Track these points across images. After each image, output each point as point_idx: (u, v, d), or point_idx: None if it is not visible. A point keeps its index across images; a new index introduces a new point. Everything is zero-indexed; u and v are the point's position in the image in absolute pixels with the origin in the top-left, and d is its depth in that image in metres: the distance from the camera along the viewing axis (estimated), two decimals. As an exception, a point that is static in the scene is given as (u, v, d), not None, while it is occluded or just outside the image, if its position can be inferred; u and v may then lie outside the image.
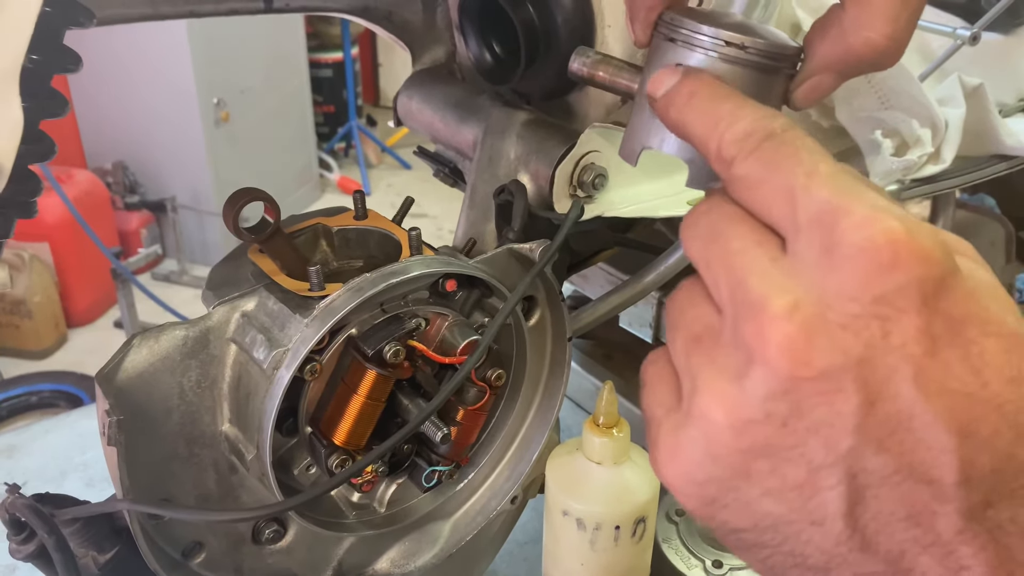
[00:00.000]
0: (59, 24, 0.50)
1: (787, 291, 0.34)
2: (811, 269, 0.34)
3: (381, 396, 0.66)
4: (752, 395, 0.34)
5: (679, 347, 0.39)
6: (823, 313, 0.33)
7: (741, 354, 0.35)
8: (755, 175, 0.37)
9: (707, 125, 0.40)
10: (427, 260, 0.68)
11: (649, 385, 0.42)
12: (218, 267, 0.71)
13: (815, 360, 0.33)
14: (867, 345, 0.33)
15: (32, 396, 3.25)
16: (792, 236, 0.35)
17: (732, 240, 0.37)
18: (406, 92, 1.05)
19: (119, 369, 0.60)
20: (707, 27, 0.45)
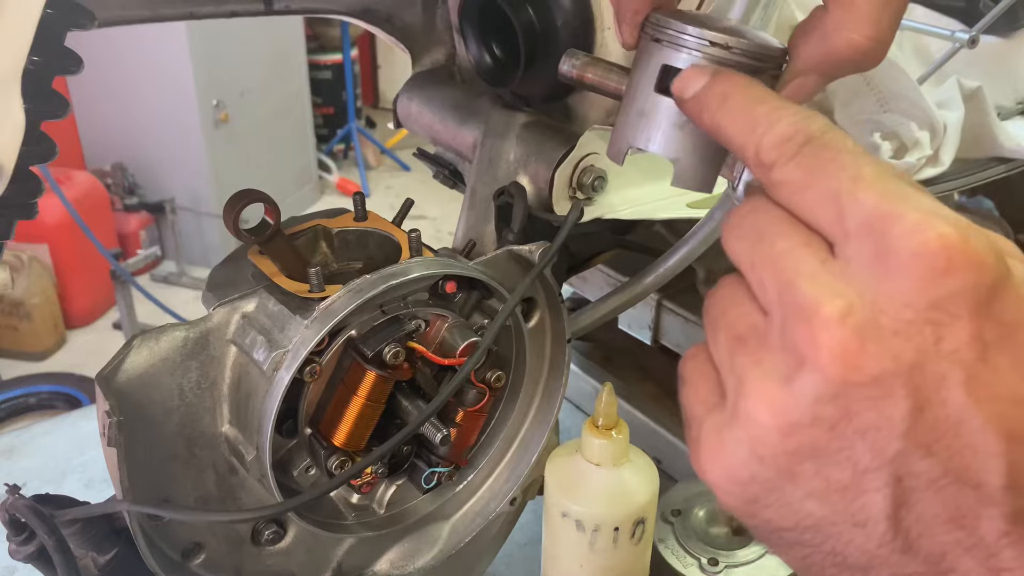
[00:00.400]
0: (60, 26, 0.51)
1: (839, 295, 0.34)
2: (863, 274, 0.34)
3: (381, 398, 0.66)
4: (801, 398, 0.34)
5: (722, 345, 0.39)
6: (876, 318, 0.33)
7: (790, 357, 0.35)
8: (798, 180, 0.37)
9: (744, 129, 0.40)
10: (427, 262, 0.68)
11: (689, 382, 0.41)
12: (218, 268, 0.71)
13: (867, 366, 0.33)
14: (919, 351, 0.33)
15: (31, 398, 3.25)
16: (841, 241, 0.35)
17: (778, 241, 0.36)
18: (406, 94, 1.05)
19: (119, 370, 0.60)
20: (692, 27, 0.46)
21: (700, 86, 0.43)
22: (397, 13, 1.10)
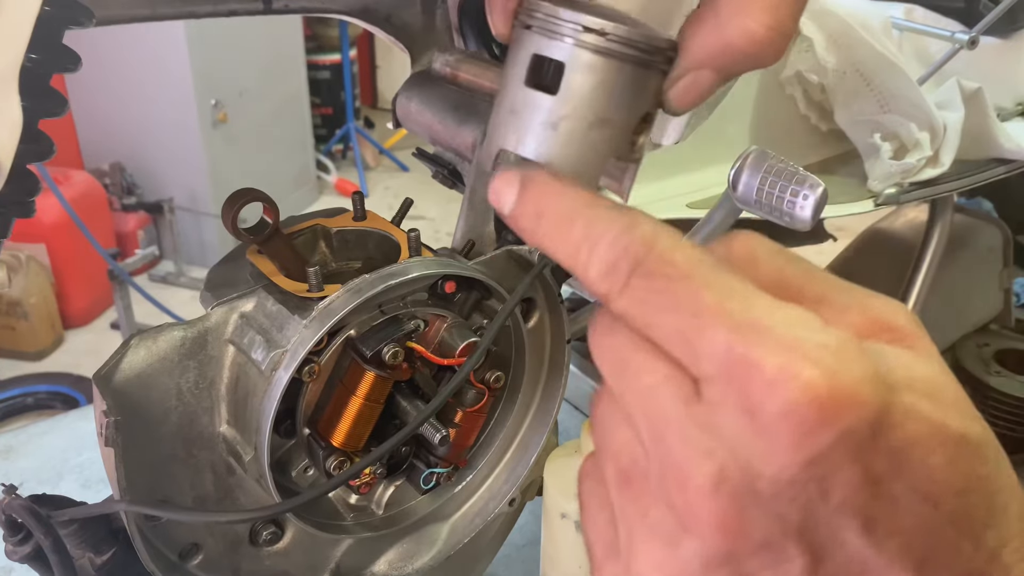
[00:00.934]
0: (59, 24, 0.50)
1: (709, 455, 0.31)
2: (731, 426, 0.31)
3: (379, 398, 0.65)
4: (689, 565, 0.32)
5: (611, 479, 0.36)
6: (752, 483, 0.30)
7: (672, 518, 0.33)
8: (638, 316, 0.34)
9: (567, 255, 0.36)
10: (426, 262, 0.68)
11: (587, 510, 0.39)
12: (217, 268, 0.71)
13: (752, 532, 0.31)
14: (805, 509, 0.30)
15: (28, 397, 3.25)
16: (702, 382, 0.32)
17: (642, 375, 0.34)
18: (405, 94, 1.05)
19: (117, 370, 0.60)
20: (564, 10, 0.41)
21: (511, 201, 0.38)
22: (396, 13, 1.10)
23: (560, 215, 0.37)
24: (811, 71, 0.99)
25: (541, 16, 0.42)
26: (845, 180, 1.01)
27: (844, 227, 1.42)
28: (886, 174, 0.95)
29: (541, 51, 0.42)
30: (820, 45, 0.98)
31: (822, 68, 0.99)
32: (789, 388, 0.29)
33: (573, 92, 0.42)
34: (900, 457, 0.30)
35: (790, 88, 1.02)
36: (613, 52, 0.41)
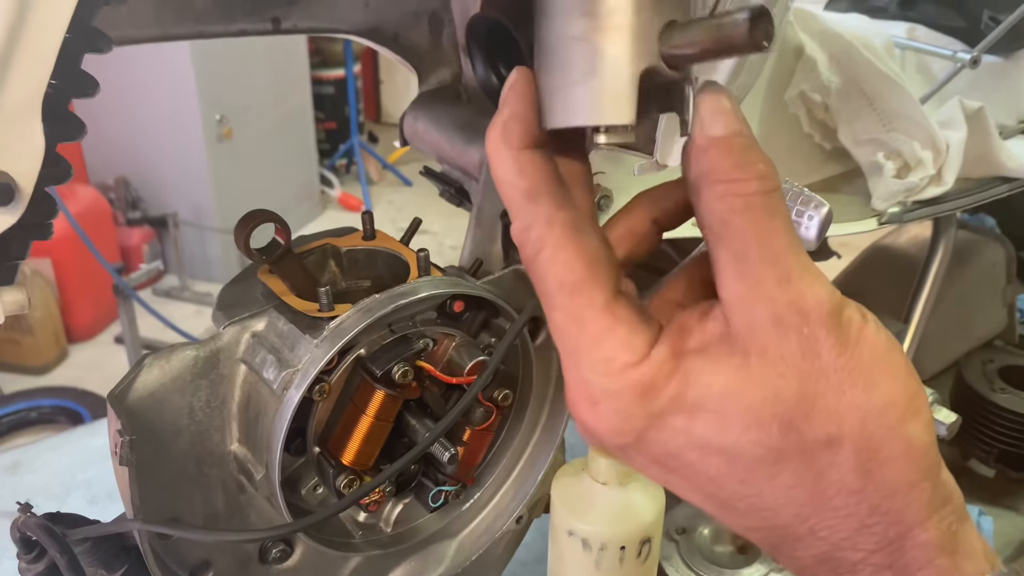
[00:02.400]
0: (78, 49, 0.51)
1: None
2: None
3: (389, 416, 0.66)
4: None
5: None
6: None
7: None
8: (532, 276, 0.44)
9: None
10: (435, 281, 0.68)
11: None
12: (228, 287, 0.71)
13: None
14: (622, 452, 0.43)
15: (32, 412, 3.25)
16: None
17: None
18: (412, 113, 1.06)
19: (131, 389, 0.61)
20: None
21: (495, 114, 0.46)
22: (404, 32, 1.11)
23: (494, 172, 0.45)
24: (814, 90, 1.00)
25: None
26: (849, 198, 1.02)
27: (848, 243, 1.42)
28: (889, 193, 0.96)
29: None
30: (823, 65, 0.99)
31: (825, 87, 1.00)
32: (576, 413, 0.43)
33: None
34: (673, 459, 0.42)
35: (793, 107, 1.03)
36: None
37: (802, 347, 0.39)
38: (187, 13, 0.95)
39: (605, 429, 0.41)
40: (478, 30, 0.85)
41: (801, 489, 0.40)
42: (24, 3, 0.44)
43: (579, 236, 0.42)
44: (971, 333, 1.48)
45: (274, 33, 1.04)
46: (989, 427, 1.28)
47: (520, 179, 0.42)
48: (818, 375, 0.39)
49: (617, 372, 0.40)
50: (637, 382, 0.40)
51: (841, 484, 0.39)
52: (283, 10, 1.02)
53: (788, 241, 0.39)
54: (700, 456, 0.41)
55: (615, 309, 0.41)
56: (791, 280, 0.39)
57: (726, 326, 0.40)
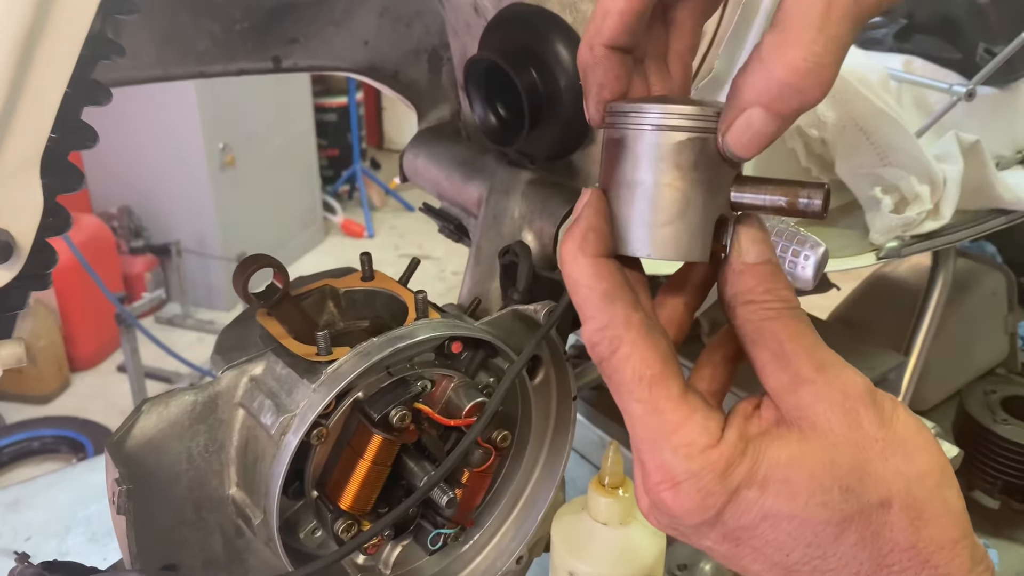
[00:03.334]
0: (78, 103, 0.52)
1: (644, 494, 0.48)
2: (642, 494, 0.48)
3: (387, 460, 0.66)
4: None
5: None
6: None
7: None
8: (606, 371, 0.47)
9: (576, 305, 0.48)
10: (433, 324, 0.69)
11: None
12: (227, 330, 0.71)
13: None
14: (689, 536, 0.47)
15: (34, 442, 3.25)
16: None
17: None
18: (412, 150, 1.07)
19: (129, 436, 0.61)
20: (623, 104, 0.48)
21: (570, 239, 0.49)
22: (403, 70, 1.12)
23: (569, 277, 0.48)
24: (811, 126, 1.01)
25: (612, 111, 0.49)
26: (847, 232, 1.02)
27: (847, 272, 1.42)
28: (887, 227, 0.96)
29: (615, 136, 0.48)
30: (819, 100, 1.00)
31: (821, 123, 1.00)
32: (658, 492, 0.46)
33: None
34: (746, 531, 0.45)
35: (791, 141, 1.04)
36: (670, 127, 0.46)
37: (847, 420, 0.44)
38: (188, 54, 0.96)
39: (687, 508, 0.45)
40: (475, 71, 0.86)
41: (862, 547, 0.44)
42: (25, 61, 0.45)
43: (652, 335, 0.47)
44: (972, 362, 1.48)
45: (275, 72, 1.05)
46: (993, 459, 1.27)
47: (598, 283, 0.47)
48: (864, 444, 0.44)
49: (699, 454, 0.44)
50: (716, 462, 0.44)
51: (895, 542, 0.44)
52: (284, 49, 1.03)
53: (816, 339, 0.46)
54: (771, 524, 0.44)
55: (689, 399, 0.46)
56: (826, 367, 0.45)
57: (778, 412, 0.46)
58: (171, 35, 0.94)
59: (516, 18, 0.84)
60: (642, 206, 0.47)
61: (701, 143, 0.46)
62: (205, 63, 0.98)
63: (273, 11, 0.98)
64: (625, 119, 0.47)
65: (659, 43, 0.52)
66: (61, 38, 0.43)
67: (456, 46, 1.01)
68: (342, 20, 1.05)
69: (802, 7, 0.41)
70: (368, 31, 1.07)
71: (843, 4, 0.41)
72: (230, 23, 0.97)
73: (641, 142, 0.47)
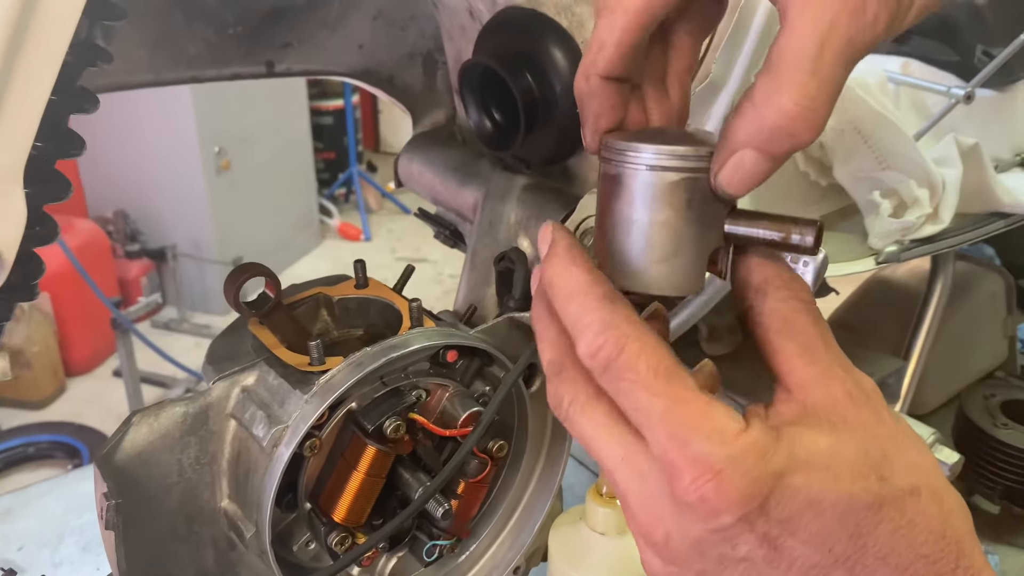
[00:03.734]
0: (64, 111, 0.51)
1: (660, 521, 0.44)
2: (667, 508, 0.44)
3: (381, 472, 0.65)
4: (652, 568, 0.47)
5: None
6: (685, 541, 0.44)
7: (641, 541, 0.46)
8: (612, 395, 0.45)
9: (567, 324, 0.47)
10: (428, 332, 0.68)
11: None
12: (218, 340, 0.71)
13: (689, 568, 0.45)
14: (720, 557, 0.44)
15: (29, 447, 3.23)
16: (649, 466, 0.45)
17: (609, 449, 0.46)
18: (407, 155, 1.06)
19: (118, 449, 0.60)
20: (618, 140, 0.48)
21: (541, 255, 0.49)
22: (398, 74, 1.11)
23: (562, 289, 0.47)
24: (809, 129, 1.00)
25: (606, 148, 0.49)
26: (846, 236, 1.02)
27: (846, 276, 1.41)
28: (886, 232, 0.96)
29: (609, 172, 0.48)
30: (817, 104, 0.99)
31: (820, 126, 0.99)
32: (701, 487, 0.42)
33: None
34: (789, 523, 0.42)
35: (789, 145, 1.03)
36: (662, 167, 0.47)
37: (874, 416, 0.45)
38: (181, 59, 0.95)
39: (733, 498, 0.42)
40: (470, 75, 0.85)
41: (899, 536, 0.43)
42: (6, 69, 0.44)
43: (656, 335, 0.46)
44: (972, 365, 1.47)
45: (268, 76, 1.04)
46: (993, 463, 1.26)
47: (596, 287, 0.46)
48: (889, 437, 0.45)
49: (734, 438, 0.42)
50: (754, 444, 0.42)
51: (929, 530, 0.43)
52: (277, 54, 1.02)
53: (834, 341, 0.46)
54: (816, 513, 0.43)
55: (705, 392, 0.44)
56: (849, 368, 0.46)
57: (801, 406, 0.45)
58: (163, 39, 0.93)
59: (511, 22, 0.84)
60: (638, 243, 0.47)
61: (694, 182, 0.46)
62: (198, 68, 0.97)
63: (266, 15, 0.97)
64: (621, 157, 0.47)
65: (657, 65, 0.51)
66: (43, 45, 0.42)
67: (451, 50, 1.01)
68: (336, 24, 1.04)
69: (794, 50, 0.41)
70: (362, 35, 1.06)
71: (835, 46, 0.41)
72: (223, 27, 0.96)
73: (636, 181, 0.47)
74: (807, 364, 0.45)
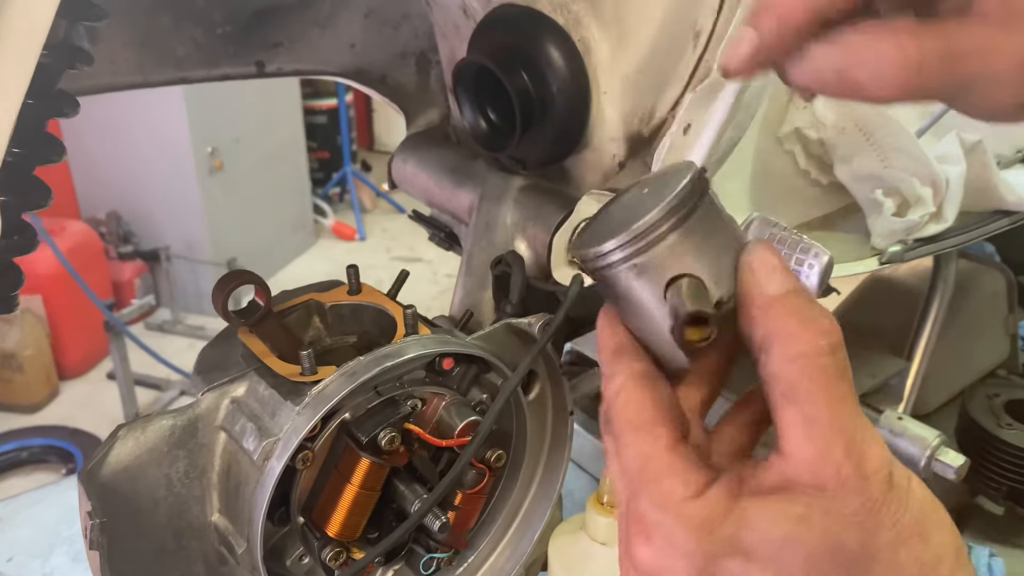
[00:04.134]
0: (41, 116, 0.49)
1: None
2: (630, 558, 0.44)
3: (376, 485, 0.63)
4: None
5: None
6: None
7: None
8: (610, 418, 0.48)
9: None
10: (423, 340, 0.66)
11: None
12: (207, 349, 0.69)
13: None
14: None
15: (23, 452, 3.21)
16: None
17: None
18: (401, 156, 1.04)
19: (104, 464, 0.58)
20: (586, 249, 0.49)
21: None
22: (391, 74, 1.09)
23: (601, 344, 0.51)
24: (810, 127, 0.98)
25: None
26: (848, 237, 1.00)
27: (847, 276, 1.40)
28: (889, 231, 0.94)
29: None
30: (818, 101, 0.97)
31: (820, 124, 0.98)
32: (628, 548, 0.44)
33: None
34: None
35: (789, 144, 1.01)
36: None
37: (865, 506, 0.40)
38: (168, 59, 0.93)
39: (656, 566, 0.42)
40: (465, 75, 0.83)
41: None
42: (-22, 72, 0.42)
43: (652, 383, 0.46)
44: (974, 364, 1.46)
45: (258, 76, 1.02)
46: (997, 464, 1.25)
47: (611, 340, 0.49)
48: (878, 530, 0.40)
49: (674, 505, 0.42)
50: (693, 516, 0.41)
51: None
52: (267, 54, 1.00)
53: (853, 405, 0.42)
54: None
55: (677, 449, 0.44)
56: (855, 443, 0.41)
57: (784, 478, 0.41)
58: (151, 40, 0.91)
59: (506, 20, 0.82)
60: (652, 329, 0.48)
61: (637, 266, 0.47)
62: (186, 68, 0.95)
63: (256, 14, 0.95)
64: (591, 264, 0.50)
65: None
66: (14, 46, 0.40)
67: (444, 49, 0.99)
68: (327, 23, 1.02)
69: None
70: (354, 34, 1.04)
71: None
72: (212, 27, 0.94)
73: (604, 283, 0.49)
74: (804, 438, 0.41)
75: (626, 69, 0.79)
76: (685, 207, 0.46)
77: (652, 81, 0.79)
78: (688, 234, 0.46)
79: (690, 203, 0.46)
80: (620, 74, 0.79)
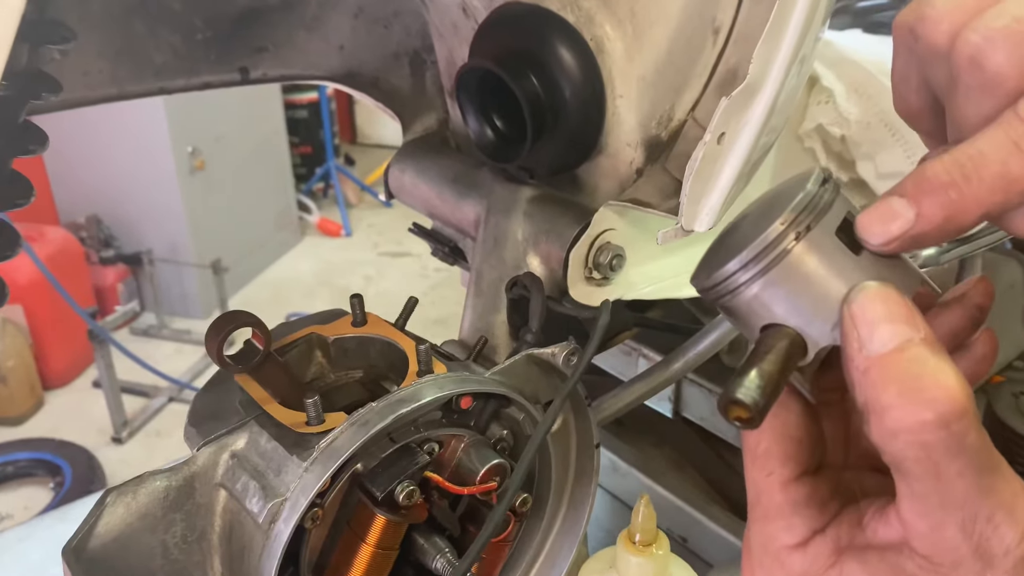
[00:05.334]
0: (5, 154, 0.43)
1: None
2: None
3: (394, 544, 0.57)
4: None
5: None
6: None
7: None
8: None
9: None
10: (439, 381, 0.60)
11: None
12: (201, 395, 0.62)
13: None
14: None
15: (8, 467, 3.13)
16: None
17: None
18: (398, 165, 0.97)
19: (91, 536, 0.52)
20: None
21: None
22: (384, 77, 1.02)
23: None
24: (832, 124, 0.92)
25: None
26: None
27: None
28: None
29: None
30: (841, 96, 0.92)
31: (844, 120, 0.92)
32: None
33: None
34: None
35: (809, 141, 0.96)
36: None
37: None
38: (146, 69, 0.86)
39: None
40: (468, 81, 0.77)
41: None
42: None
43: (776, 411, 0.42)
44: (992, 357, 1.41)
45: (243, 83, 0.96)
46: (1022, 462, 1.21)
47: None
48: None
49: (776, 551, 0.41)
50: (792, 568, 0.40)
51: None
52: (251, 59, 0.93)
53: (975, 481, 0.36)
54: None
55: (791, 488, 0.42)
56: (976, 522, 0.36)
57: (901, 537, 0.38)
58: (125, 49, 0.84)
59: (511, 19, 0.75)
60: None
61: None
62: (165, 78, 0.89)
63: (238, 18, 0.88)
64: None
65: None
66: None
67: (441, 49, 0.92)
68: (314, 24, 0.95)
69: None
70: (343, 35, 0.97)
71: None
72: (191, 33, 0.87)
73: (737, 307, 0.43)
74: (916, 516, 0.37)
75: (642, 69, 0.73)
76: (811, 214, 0.41)
77: (670, 81, 0.73)
78: (812, 247, 0.41)
79: (816, 210, 0.41)
80: (636, 74, 0.73)
